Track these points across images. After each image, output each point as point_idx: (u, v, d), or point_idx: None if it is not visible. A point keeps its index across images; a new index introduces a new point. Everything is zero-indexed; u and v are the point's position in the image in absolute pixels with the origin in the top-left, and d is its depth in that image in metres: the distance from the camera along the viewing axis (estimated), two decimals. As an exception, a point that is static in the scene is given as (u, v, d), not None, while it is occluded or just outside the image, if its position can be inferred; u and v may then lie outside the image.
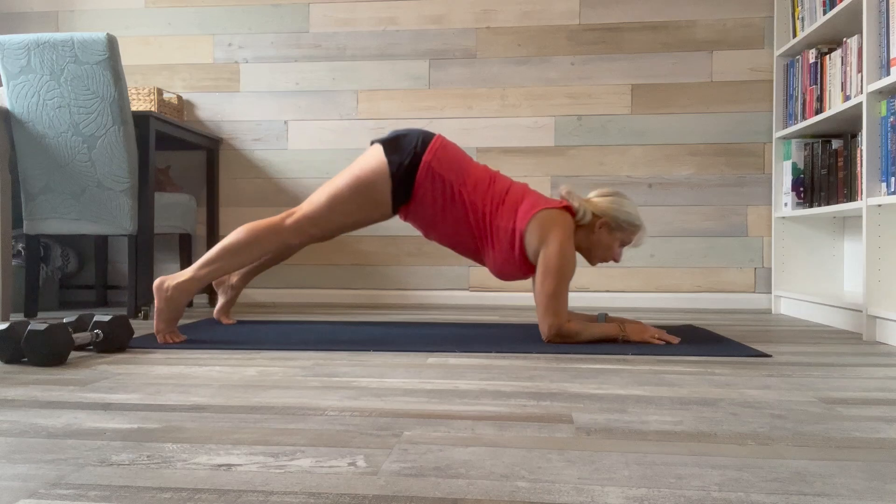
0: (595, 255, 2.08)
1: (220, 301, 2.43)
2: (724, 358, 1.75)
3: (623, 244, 2.07)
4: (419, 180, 2.00)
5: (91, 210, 2.60)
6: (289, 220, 2.05)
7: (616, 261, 2.08)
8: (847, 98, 2.41)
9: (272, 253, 2.08)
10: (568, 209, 2.02)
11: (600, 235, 2.04)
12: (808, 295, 2.66)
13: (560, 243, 1.92)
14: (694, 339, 2.03)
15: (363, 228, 3.27)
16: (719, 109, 3.12)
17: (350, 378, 1.48)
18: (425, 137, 2.04)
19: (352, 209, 2.04)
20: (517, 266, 2.03)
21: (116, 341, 1.80)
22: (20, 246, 2.95)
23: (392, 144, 2.04)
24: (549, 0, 3.19)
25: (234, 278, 2.41)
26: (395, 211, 2.08)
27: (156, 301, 1.98)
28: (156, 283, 1.99)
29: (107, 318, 1.81)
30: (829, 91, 2.56)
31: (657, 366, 1.64)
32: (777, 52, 2.97)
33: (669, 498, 0.80)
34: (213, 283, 2.44)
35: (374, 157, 2.03)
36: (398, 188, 2.02)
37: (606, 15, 3.17)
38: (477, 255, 2.10)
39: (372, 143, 2.10)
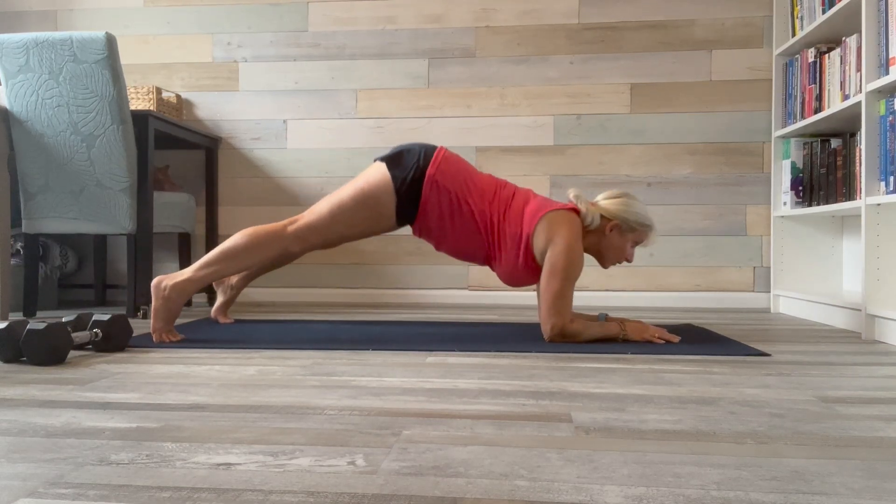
0: (608, 258, 2.08)
1: (219, 300, 2.44)
2: (723, 357, 1.75)
3: (635, 244, 2.08)
4: (425, 194, 2.00)
5: (90, 209, 2.59)
6: (291, 228, 2.05)
7: (629, 261, 2.09)
8: (846, 97, 2.41)
9: (272, 259, 2.08)
10: (575, 211, 2.02)
11: (612, 238, 2.04)
12: (807, 294, 2.66)
13: (567, 243, 1.92)
14: (693, 339, 2.03)
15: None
16: (718, 109, 3.12)
17: (349, 377, 1.48)
18: (427, 151, 2.04)
19: (355, 221, 2.05)
20: (526, 271, 2.03)
21: (115, 341, 1.80)
22: (19, 245, 2.95)
23: (395, 160, 2.04)
24: (548, -1, 3.19)
25: (234, 278, 2.41)
26: (399, 224, 2.09)
27: (153, 300, 1.98)
28: (154, 282, 1.98)
29: (106, 317, 1.81)
30: (829, 90, 2.56)
31: (656, 365, 1.64)
32: (776, 52, 2.97)
33: (668, 497, 0.80)
34: (213, 282, 2.44)
35: (378, 172, 2.03)
36: (403, 203, 2.02)
37: (606, 14, 3.17)
38: (488, 263, 2.11)
39: (375, 160, 2.10)
